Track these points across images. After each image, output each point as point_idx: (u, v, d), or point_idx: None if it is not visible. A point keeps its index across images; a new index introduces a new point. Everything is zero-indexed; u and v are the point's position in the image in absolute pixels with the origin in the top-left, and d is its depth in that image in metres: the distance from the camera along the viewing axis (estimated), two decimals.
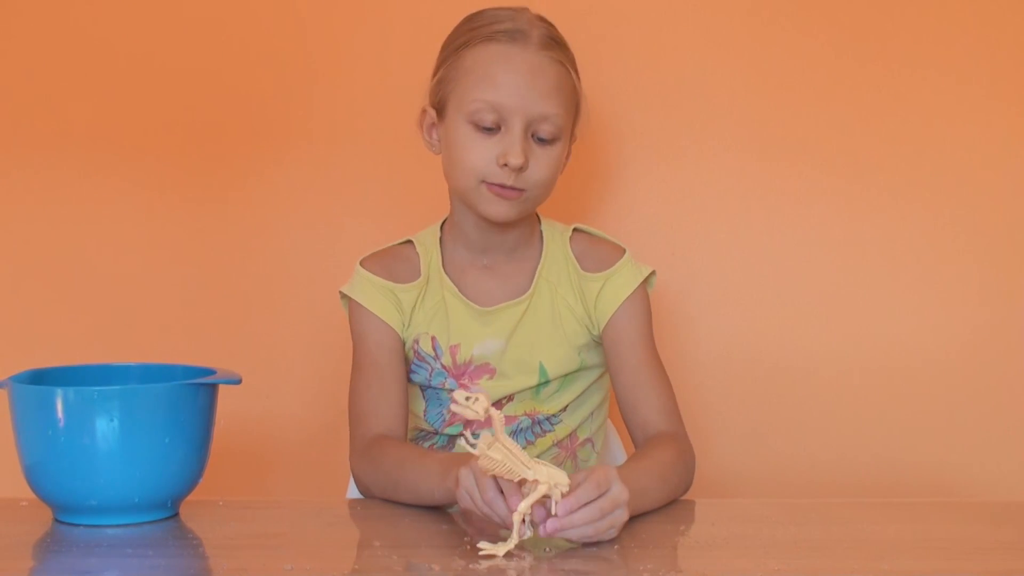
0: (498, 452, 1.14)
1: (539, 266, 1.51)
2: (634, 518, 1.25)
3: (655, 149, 1.84)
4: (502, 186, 1.41)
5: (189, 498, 1.32)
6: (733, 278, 1.85)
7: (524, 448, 1.49)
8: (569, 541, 1.18)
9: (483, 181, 1.42)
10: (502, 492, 1.18)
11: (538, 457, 1.45)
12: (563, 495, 1.15)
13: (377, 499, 1.39)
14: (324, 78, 1.85)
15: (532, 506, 1.15)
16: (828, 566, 1.13)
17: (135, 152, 1.86)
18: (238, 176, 1.86)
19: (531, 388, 1.49)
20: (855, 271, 1.84)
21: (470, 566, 1.12)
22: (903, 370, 1.84)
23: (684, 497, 1.38)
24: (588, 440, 1.56)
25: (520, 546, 1.16)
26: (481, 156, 1.41)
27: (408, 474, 1.33)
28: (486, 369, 1.49)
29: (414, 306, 1.49)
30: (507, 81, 1.39)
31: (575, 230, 1.55)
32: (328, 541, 1.22)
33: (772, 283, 1.85)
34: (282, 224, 1.87)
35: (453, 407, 1.14)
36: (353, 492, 1.57)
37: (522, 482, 1.15)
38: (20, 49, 1.86)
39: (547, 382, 1.50)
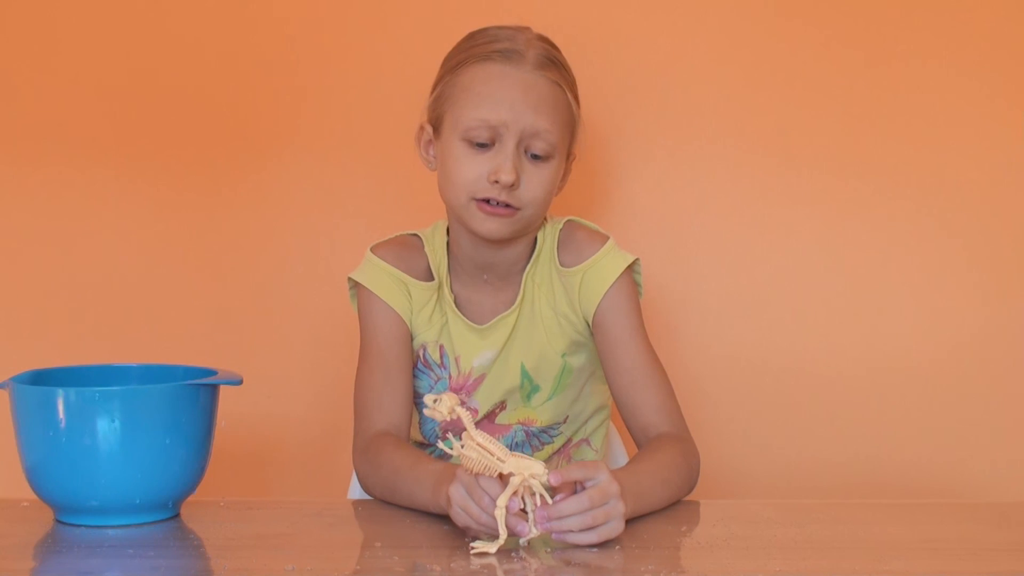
0: (473, 450, 1.15)
1: (527, 267, 1.50)
2: (635, 519, 1.25)
3: (654, 153, 1.84)
4: (492, 202, 1.40)
5: (190, 499, 1.32)
6: (733, 279, 1.85)
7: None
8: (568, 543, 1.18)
9: (473, 198, 1.41)
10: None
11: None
12: (544, 485, 1.15)
13: (378, 500, 1.39)
14: (326, 77, 1.85)
15: (533, 506, 1.15)
16: (829, 567, 1.13)
17: (136, 152, 1.86)
18: (239, 176, 1.86)
19: (516, 388, 1.48)
20: (855, 272, 1.84)
21: (471, 567, 1.12)
22: (904, 371, 1.84)
23: (685, 498, 1.38)
24: (583, 441, 1.56)
25: (523, 547, 1.17)
26: (472, 172, 1.40)
27: (403, 484, 1.33)
28: (481, 380, 1.49)
29: (423, 307, 1.49)
30: (501, 98, 1.39)
31: (567, 221, 1.52)
32: (329, 542, 1.22)
33: (772, 284, 1.85)
34: (283, 225, 1.87)
35: (425, 411, 1.16)
36: (354, 492, 1.57)
37: (507, 478, 1.15)
38: (20, 51, 1.86)
39: (532, 382, 1.49)
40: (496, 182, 1.39)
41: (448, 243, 1.52)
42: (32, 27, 1.86)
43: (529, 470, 1.14)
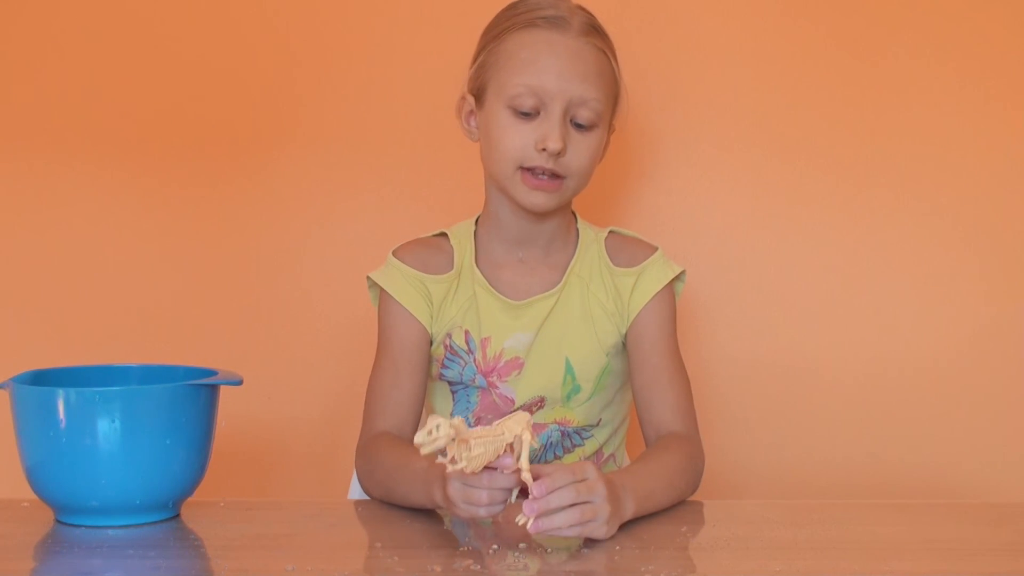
0: (480, 446, 1.12)
1: (572, 261, 1.50)
2: (636, 519, 1.25)
3: (667, 154, 1.84)
4: (539, 170, 1.40)
5: (190, 499, 1.32)
6: (737, 280, 1.85)
7: (551, 462, 1.49)
8: (566, 539, 1.19)
9: (520, 167, 1.41)
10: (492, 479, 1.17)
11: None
12: (529, 425, 1.14)
13: (377, 500, 1.39)
14: (333, 75, 1.85)
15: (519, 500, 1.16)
16: (829, 567, 1.13)
17: (138, 152, 1.86)
18: (240, 177, 1.86)
19: (558, 385, 1.48)
20: (860, 274, 1.84)
21: (472, 567, 1.12)
22: (904, 372, 1.84)
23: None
24: (611, 456, 1.56)
25: (523, 548, 1.17)
26: (519, 141, 1.40)
27: (396, 483, 1.33)
28: (515, 364, 1.48)
29: (444, 299, 1.48)
30: (548, 65, 1.39)
31: (610, 232, 1.54)
32: (330, 542, 1.22)
33: (778, 286, 1.85)
34: (285, 225, 1.87)
35: (423, 450, 1.10)
36: (355, 493, 1.57)
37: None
38: (21, 50, 1.86)
39: (575, 380, 1.49)
40: (543, 150, 1.38)
41: (476, 231, 1.52)
42: (35, 25, 1.86)
43: (520, 424, 1.13)
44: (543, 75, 1.38)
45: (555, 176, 1.41)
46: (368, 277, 1.51)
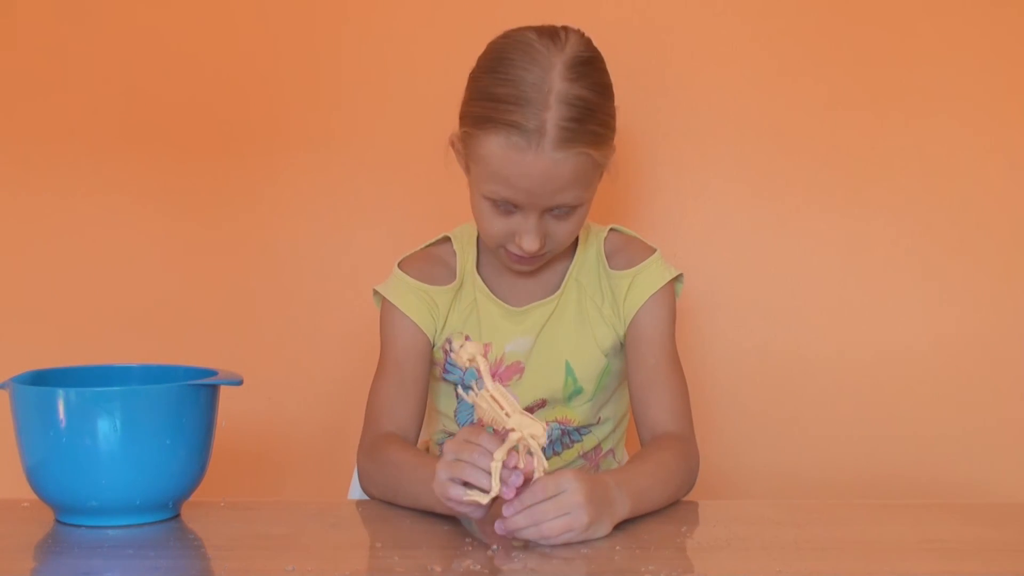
0: (484, 401, 1.16)
1: (570, 266, 1.50)
2: (635, 519, 1.26)
3: (678, 153, 1.84)
4: (520, 257, 1.41)
5: (191, 499, 1.32)
6: (736, 280, 1.85)
7: (550, 459, 1.50)
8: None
9: (502, 247, 1.42)
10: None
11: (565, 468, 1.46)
12: (541, 446, 1.15)
13: (378, 500, 1.39)
14: (334, 81, 1.85)
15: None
16: (829, 567, 1.13)
17: (138, 153, 1.86)
18: (243, 177, 1.86)
19: (559, 389, 1.49)
20: (859, 275, 1.84)
21: (472, 567, 1.12)
22: (906, 373, 1.84)
23: (686, 498, 1.38)
24: (610, 451, 1.56)
25: (521, 547, 1.17)
26: (498, 228, 1.39)
27: (407, 482, 1.32)
28: (516, 368, 1.49)
29: (450, 308, 1.49)
30: (519, 183, 1.34)
31: (611, 230, 1.53)
32: (330, 542, 1.22)
33: (778, 286, 1.85)
34: (286, 225, 1.87)
35: (452, 356, 1.15)
36: (355, 493, 1.57)
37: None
38: (26, 47, 1.86)
39: (576, 383, 1.49)
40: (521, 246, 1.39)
41: (478, 235, 1.51)
42: (41, 22, 1.86)
43: (529, 429, 1.14)
44: (514, 190, 1.35)
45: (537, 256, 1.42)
46: (375, 290, 1.51)
